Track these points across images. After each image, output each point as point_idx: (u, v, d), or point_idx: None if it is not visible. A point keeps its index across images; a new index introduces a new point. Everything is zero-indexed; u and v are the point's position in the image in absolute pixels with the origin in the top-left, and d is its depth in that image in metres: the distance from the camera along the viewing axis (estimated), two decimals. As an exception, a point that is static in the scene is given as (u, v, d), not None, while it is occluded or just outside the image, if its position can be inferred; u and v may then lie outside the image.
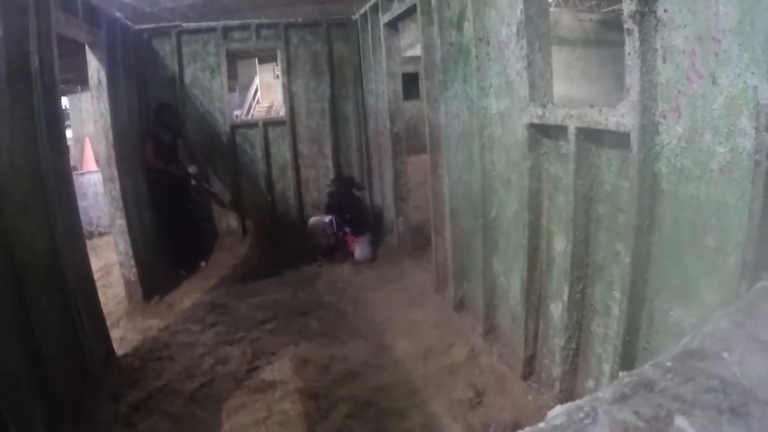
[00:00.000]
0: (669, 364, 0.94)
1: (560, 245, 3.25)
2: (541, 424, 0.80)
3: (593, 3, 16.33)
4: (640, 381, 0.89)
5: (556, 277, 3.32)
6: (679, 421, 0.78)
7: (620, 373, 0.93)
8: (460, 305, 4.82)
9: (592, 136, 2.82)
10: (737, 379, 0.87)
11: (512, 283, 3.88)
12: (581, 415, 0.81)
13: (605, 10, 16.74)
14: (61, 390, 3.50)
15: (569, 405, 0.84)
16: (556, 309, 3.31)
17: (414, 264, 6.40)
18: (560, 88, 3.80)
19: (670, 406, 0.81)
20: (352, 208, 7.28)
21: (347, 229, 7.17)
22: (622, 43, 2.37)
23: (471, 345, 4.28)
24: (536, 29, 3.29)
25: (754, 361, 0.91)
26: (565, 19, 16.73)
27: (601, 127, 2.66)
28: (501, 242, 4.05)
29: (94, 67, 5.61)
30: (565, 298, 3.09)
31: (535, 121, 3.28)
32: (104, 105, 5.66)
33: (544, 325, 3.51)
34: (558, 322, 3.27)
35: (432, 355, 4.28)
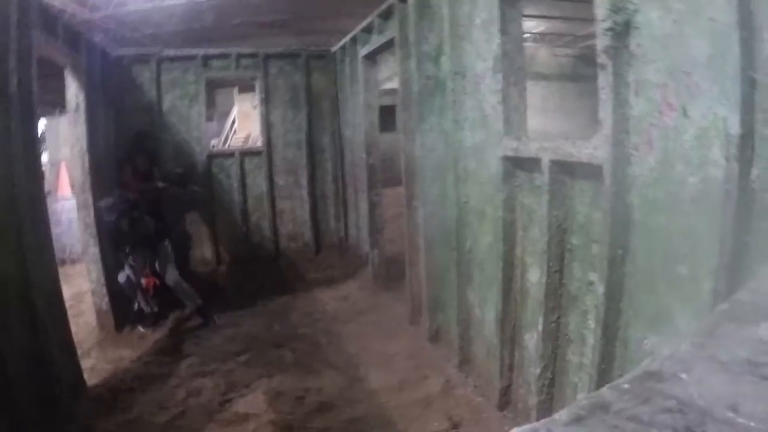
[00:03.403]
0: (626, 386, 0.95)
1: (534, 276, 3.27)
2: None
3: (569, 38, 16.68)
4: (597, 403, 0.90)
5: (531, 308, 3.34)
6: None
7: (577, 396, 0.95)
8: (435, 337, 4.81)
9: (565, 168, 2.87)
10: (694, 400, 0.88)
11: (487, 315, 3.89)
12: (536, 436, 0.82)
13: (581, 45, 17.10)
14: (29, 419, 3.41)
15: (525, 427, 0.84)
16: (531, 339, 3.32)
17: (389, 296, 6.38)
18: (536, 122, 3.87)
19: (626, 427, 0.82)
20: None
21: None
22: (597, 78, 2.43)
23: (446, 376, 4.26)
24: (512, 64, 3.37)
25: (712, 381, 0.93)
26: (541, 54, 17.02)
27: (574, 159, 2.71)
28: (475, 274, 4.07)
29: (73, 92, 5.59)
30: (540, 328, 3.11)
31: (510, 153, 3.33)
32: (81, 129, 5.63)
33: (519, 355, 3.52)
34: (533, 352, 3.28)
35: (407, 387, 4.24)
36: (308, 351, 5.20)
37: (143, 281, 5.75)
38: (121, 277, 5.79)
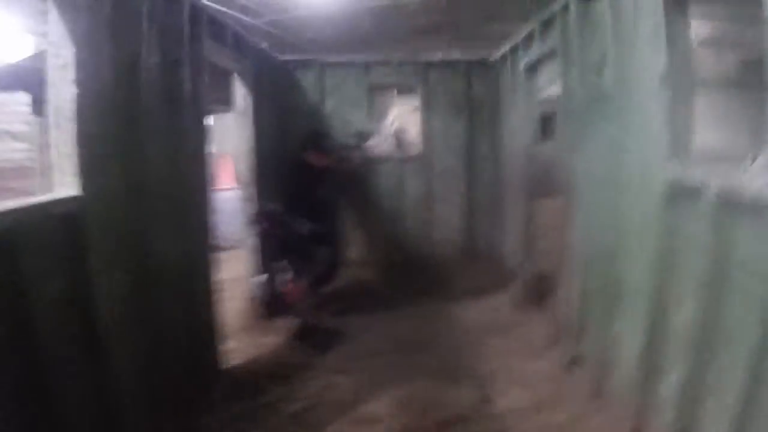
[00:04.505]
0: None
1: (687, 313, 2.99)
2: None
3: (736, 43, 15.26)
4: None
5: (678, 346, 3.05)
6: None
7: None
8: (575, 362, 4.56)
9: (732, 198, 2.59)
10: None
11: (630, 347, 3.61)
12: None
13: (751, 49, 15.55)
14: (170, 393, 3.69)
15: None
16: (673, 379, 3.04)
17: (536, 313, 6.15)
18: (698, 133, 3.54)
19: None
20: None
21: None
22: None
23: (580, 405, 4.03)
24: (679, 79, 3.11)
25: None
26: (706, 59, 15.78)
27: (742, 191, 2.43)
28: (624, 303, 3.79)
29: (241, 94, 6.07)
30: (685, 368, 2.86)
31: (673, 177, 3.08)
32: (249, 130, 6.10)
33: (657, 394, 3.24)
34: (672, 393, 3.01)
35: (541, 409, 4.10)
36: (449, 360, 5.18)
37: (286, 288, 5.83)
38: (255, 281, 5.92)
